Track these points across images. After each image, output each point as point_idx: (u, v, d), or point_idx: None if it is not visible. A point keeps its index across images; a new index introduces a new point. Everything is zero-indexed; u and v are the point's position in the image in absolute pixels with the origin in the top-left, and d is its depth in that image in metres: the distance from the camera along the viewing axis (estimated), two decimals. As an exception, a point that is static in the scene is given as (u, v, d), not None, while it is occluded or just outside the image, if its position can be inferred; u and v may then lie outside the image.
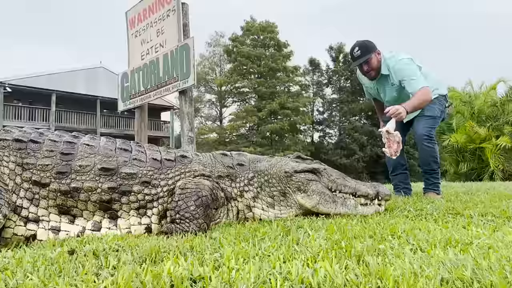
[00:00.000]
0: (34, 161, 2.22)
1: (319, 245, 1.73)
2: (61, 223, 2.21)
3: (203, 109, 44.95)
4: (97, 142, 2.47)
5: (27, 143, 2.27)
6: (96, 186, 2.27)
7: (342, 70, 41.93)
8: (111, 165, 2.34)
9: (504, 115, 14.85)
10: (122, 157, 2.42)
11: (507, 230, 2.21)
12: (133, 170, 2.38)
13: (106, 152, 2.40)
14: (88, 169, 2.29)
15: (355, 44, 3.79)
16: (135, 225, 2.34)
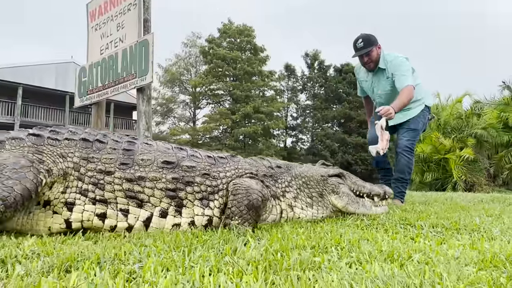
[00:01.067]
0: (99, 156, 2.49)
1: (253, 256, 1.61)
2: (129, 206, 2.42)
3: (177, 109, 44.41)
4: (155, 142, 2.74)
5: (93, 143, 2.55)
6: (161, 176, 2.50)
7: (317, 77, 42.41)
8: (172, 159, 2.58)
9: (468, 127, 15.30)
10: (180, 153, 2.68)
11: (453, 243, 2.17)
12: (193, 164, 2.61)
13: (164, 150, 2.66)
14: (150, 163, 2.53)
15: (359, 36, 3.96)
16: (199, 215, 2.52)
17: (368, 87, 4.20)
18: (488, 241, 2.30)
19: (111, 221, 2.38)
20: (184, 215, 2.49)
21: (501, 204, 4.77)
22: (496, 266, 1.64)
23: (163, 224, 2.43)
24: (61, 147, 2.50)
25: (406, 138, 4.07)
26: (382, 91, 4.09)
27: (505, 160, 14.47)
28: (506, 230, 2.65)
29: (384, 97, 4.10)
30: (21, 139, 2.48)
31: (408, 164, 4.11)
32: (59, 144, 2.51)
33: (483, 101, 17.35)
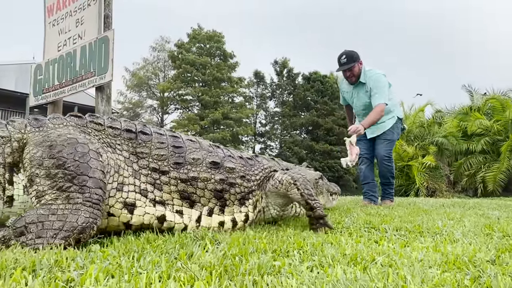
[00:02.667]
0: (148, 151, 2.33)
1: (208, 261, 1.49)
2: (183, 207, 2.36)
3: (144, 114, 43.52)
4: (195, 138, 2.69)
5: (137, 134, 2.35)
6: (210, 177, 2.49)
7: (286, 85, 42.81)
8: (217, 160, 2.57)
9: (430, 135, 15.81)
10: (220, 153, 2.66)
11: (417, 245, 2.14)
12: (233, 165, 2.64)
13: (207, 147, 2.62)
14: (200, 162, 2.48)
15: (343, 52, 4.34)
16: (237, 213, 2.59)
17: (349, 98, 4.61)
18: (450, 243, 2.29)
19: (169, 224, 2.29)
20: (226, 213, 2.54)
21: (461, 208, 4.87)
22: (459, 268, 1.60)
23: (209, 223, 2.44)
24: (106, 135, 2.28)
25: (384, 149, 4.62)
26: (361, 103, 4.50)
27: (464, 167, 15.02)
28: (467, 233, 2.66)
29: (362, 108, 4.53)
30: (63, 118, 2.24)
31: (389, 170, 4.74)
32: (104, 131, 2.29)
33: (444, 110, 18.01)
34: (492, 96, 15.96)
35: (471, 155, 15.11)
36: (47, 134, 2.05)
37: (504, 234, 2.69)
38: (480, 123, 15.03)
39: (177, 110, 42.59)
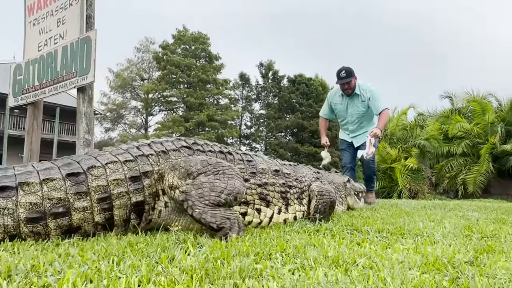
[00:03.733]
0: (234, 166, 2.78)
1: (189, 265, 1.48)
2: (261, 206, 2.94)
3: (128, 116, 43.05)
4: (254, 154, 3.28)
5: (225, 154, 2.96)
6: (276, 181, 3.11)
7: (271, 87, 42.92)
8: (277, 168, 3.21)
9: (412, 138, 16.07)
10: (277, 162, 3.36)
11: (398, 247, 2.16)
12: (288, 171, 3.30)
13: (266, 160, 3.28)
14: (266, 171, 3.10)
15: (342, 68, 4.95)
16: (298, 211, 3.22)
17: (343, 109, 5.12)
18: (431, 245, 2.32)
19: (249, 218, 2.84)
20: (289, 211, 3.14)
21: (442, 210, 4.95)
22: (438, 269, 1.63)
23: (278, 219, 3.03)
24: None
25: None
26: (356, 112, 5.10)
27: (445, 170, 15.30)
28: (447, 234, 2.71)
29: (356, 116, 5.13)
30: (177, 150, 2.69)
31: (373, 170, 5.38)
32: (205, 154, 2.84)
33: (426, 113, 18.34)
34: (473, 99, 16.30)
35: (452, 157, 15.42)
36: (175, 163, 2.53)
37: (482, 235, 2.75)
38: (461, 126, 15.35)
39: (161, 112, 42.27)
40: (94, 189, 2.19)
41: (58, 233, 2.09)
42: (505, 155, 14.42)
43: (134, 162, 2.40)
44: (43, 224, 2.04)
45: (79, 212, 2.13)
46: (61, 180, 2.13)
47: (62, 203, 2.09)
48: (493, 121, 15.18)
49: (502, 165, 14.62)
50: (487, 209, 5.59)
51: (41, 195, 2.05)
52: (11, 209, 1.97)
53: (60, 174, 2.15)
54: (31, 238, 2.02)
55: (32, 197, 2.03)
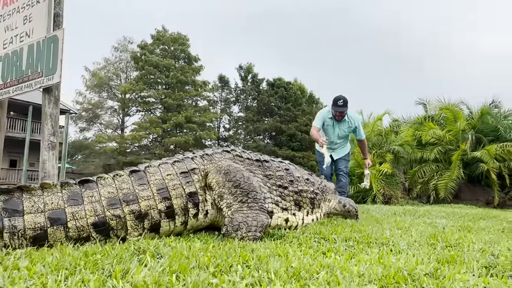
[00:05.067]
0: (272, 173, 3.23)
1: (142, 279, 1.41)
2: (295, 210, 3.29)
3: (104, 116, 42.21)
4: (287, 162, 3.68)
5: (264, 162, 3.25)
6: (308, 189, 3.52)
7: (250, 90, 42.95)
8: (308, 177, 3.67)
9: (387, 144, 16.31)
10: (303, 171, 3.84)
11: (362, 257, 2.16)
12: (314, 180, 3.81)
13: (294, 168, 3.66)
14: (301, 179, 3.50)
15: (340, 96, 5.42)
16: (318, 213, 3.72)
17: (331, 130, 5.65)
18: (395, 254, 2.33)
19: (291, 223, 3.22)
20: (313, 213, 3.59)
21: (411, 217, 5.02)
22: (398, 282, 1.62)
23: (307, 220, 3.45)
24: (247, 164, 3.13)
25: (344, 166, 5.84)
26: (341, 134, 5.72)
27: (418, 175, 15.60)
28: (413, 243, 2.73)
29: (341, 137, 5.74)
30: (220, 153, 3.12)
31: (346, 183, 5.91)
32: (244, 161, 3.13)
33: (401, 119, 18.67)
34: (446, 106, 16.71)
35: (425, 163, 15.73)
36: (219, 165, 2.91)
37: (446, 244, 2.78)
38: (434, 133, 15.69)
39: (138, 112, 41.67)
40: (152, 182, 2.63)
41: (132, 218, 2.46)
42: (475, 161, 14.82)
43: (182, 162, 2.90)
44: (120, 208, 2.43)
45: (144, 200, 2.53)
46: (127, 176, 2.61)
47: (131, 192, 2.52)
48: (464, 129, 15.59)
49: (472, 172, 15.01)
50: (455, 216, 5.71)
51: (115, 187, 2.49)
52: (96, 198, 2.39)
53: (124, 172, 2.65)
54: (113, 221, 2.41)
55: (109, 188, 2.47)
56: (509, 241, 3.10)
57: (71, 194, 2.34)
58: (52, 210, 2.23)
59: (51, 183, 2.33)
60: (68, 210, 2.27)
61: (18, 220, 2.12)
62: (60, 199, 2.29)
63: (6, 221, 2.09)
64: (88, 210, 2.32)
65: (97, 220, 2.33)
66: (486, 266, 2.08)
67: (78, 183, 2.41)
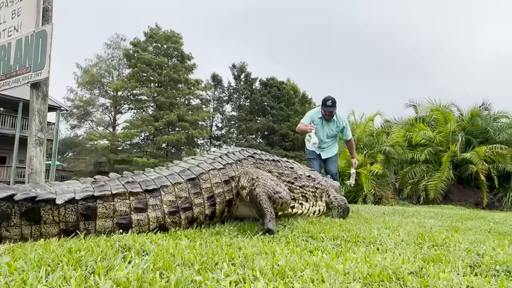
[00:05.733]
0: (282, 171, 3.73)
1: (124, 276, 1.40)
2: (303, 201, 3.88)
3: (95, 113, 41.89)
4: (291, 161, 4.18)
5: (277, 162, 3.79)
6: (309, 184, 4.06)
7: (243, 89, 42.94)
8: (309, 174, 4.21)
9: (378, 144, 16.41)
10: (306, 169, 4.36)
11: (349, 256, 2.16)
12: (315, 176, 4.30)
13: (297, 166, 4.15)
14: (303, 176, 4.01)
15: (329, 97, 5.65)
16: (321, 206, 4.21)
17: (320, 130, 5.83)
18: (381, 253, 2.33)
19: (295, 210, 3.75)
20: (317, 205, 4.14)
21: (400, 217, 5.05)
22: (382, 280, 1.62)
23: (312, 210, 4.03)
24: (266, 165, 3.62)
25: (334, 167, 6.01)
26: (330, 133, 5.92)
27: (409, 176, 15.73)
28: (400, 243, 2.74)
29: (329, 136, 5.94)
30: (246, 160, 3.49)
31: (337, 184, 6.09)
32: (263, 163, 3.62)
33: (392, 120, 18.81)
34: (436, 108, 16.85)
35: (415, 164, 15.85)
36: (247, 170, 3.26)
37: (433, 244, 2.80)
38: (424, 134, 15.82)
39: (130, 110, 41.44)
40: (204, 190, 2.97)
41: (186, 223, 2.82)
42: (464, 163, 14.98)
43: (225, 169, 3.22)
44: (177, 216, 2.76)
45: (197, 206, 2.88)
46: (185, 183, 2.87)
47: (187, 200, 2.84)
48: (454, 130, 15.75)
49: (461, 173, 15.17)
50: (443, 216, 5.76)
51: (175, 195, 2.77)
52: (158, 205, 2.67)
53: (182, 178, 2.89)
54: (172, 227, 2.72)
55: (169, 197, 2.75)
56: (494, 241, 3.13)
57: (138, 202, 2.59)
58: (120, 217, 2.48)
59: (123, 192, 2.54)
60: (133, 217, 2.53)
61: (91, 225, 2.38)
62: (127, 207, 2.53)
63: (81, 224, 2.34)
64: (151, 217, 2.61)
65: (158, 226, 2.63)
66: (471, 265, 2.09)
67: (144, 192, 2.63)
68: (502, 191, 14.94)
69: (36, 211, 2.20)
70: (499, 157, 14.59)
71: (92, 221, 2.38)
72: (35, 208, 2.20)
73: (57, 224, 2.28)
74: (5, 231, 2.16)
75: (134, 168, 35.70)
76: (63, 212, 2.28)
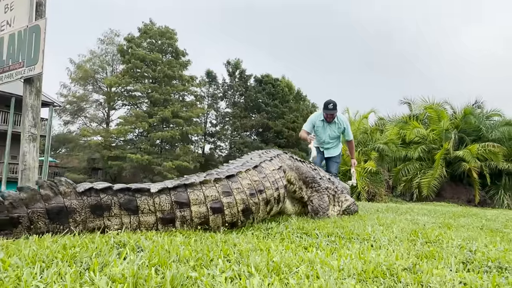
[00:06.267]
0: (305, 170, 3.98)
1: (120, 272, 1.40)
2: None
3: (89, 109, 41.58)
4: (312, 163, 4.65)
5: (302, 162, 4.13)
6: (330, 186, 4.29)
7: (237, 86, 42.85)
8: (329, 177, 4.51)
9: (372, 142, 16.50)
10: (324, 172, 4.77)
11: (343, 252, 2.17)
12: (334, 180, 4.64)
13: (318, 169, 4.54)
14: (325, 178, 4.31)
15: (330, 101, 5.95)
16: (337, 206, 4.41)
17: (322, 132, 6.14)
18: (375, 250, 2.35)
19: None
20: (335, 206, 4.33)
21: (394, 214, 5.09)
22: (376, 277, 1.64)
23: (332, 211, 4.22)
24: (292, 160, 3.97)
25: (335, 168, 6.24)
26: (332, 135, 6.19)
27: (402, 173, 15.84)
28: (394, 239, 2.76)
29: (332, 137, 6.19)
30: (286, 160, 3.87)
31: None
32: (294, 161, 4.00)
33: (386, 118, 18.90)
34: (430, 106, 16.95)
35: (409, 161, 15.96)
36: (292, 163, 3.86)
37: (426, 240, 2.83)
38: (418, 132, 15.92)
39: (124, 106, 41.18)
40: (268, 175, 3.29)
41: (263, 204, 3.12)
42: (457, 160, 15.11)
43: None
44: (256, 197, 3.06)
45: (267, 189, 3.19)
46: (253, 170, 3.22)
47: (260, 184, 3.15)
48: (447, 128, 15.87)
49: (454, 170, 15.31)
50: (436, 213, 5.81)
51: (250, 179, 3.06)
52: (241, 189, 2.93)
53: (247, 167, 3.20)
54: (254, 207, 3.02)
55: (246, 181, 3.02)
56: (487, 238, 3.17)
57: (224, 187, 2.81)
58: (212, 201, 2.71)
59: (208, 179, 2.77)
60: (224, 200, 2.76)
61: (187, 211, 2.58)
62: (216, 192, 2.75)
63: (177, 212, 2.54)
64: (238, 199, 2.85)
65: (244, 207, 2.88)
66: (463, 261, 2.12)
67: (225, 178, 2.87)
68: (494, 188, 15.10)
69: (133, 201, 2.40)
70: (491, 155, 14.73)
71: (187, 207, 2.59)
72: (132, 198, 2.39)
73: (154, 213, 2.47)
74: (107, 220, 2.34)
75: (128, 165, 35.61)
76: (158, 201, 2.48)
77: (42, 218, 2.18)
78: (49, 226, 2.19)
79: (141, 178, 35.86)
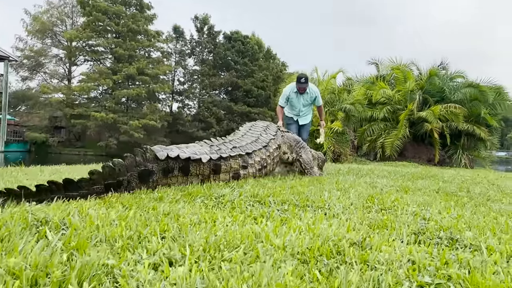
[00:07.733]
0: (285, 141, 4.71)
1: (21, 261, 1.19)
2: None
3: (48, 64, 39.33)
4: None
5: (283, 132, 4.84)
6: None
7: (206, 42, 41.49)
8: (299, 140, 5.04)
9: (339, 102, 16.48)
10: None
11: (294, 223, 2.06)
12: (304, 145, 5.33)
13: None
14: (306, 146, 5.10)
15: (302, 75, 6.80)
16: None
17: (297, 102, 6.87)
18: (328, 219, 2.26)
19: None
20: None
21: (354, 176, 5.07)
22: (321, 255, 1.52)
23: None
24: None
25: (305, 134, 7.05)
26: (305, 103, 6.93)
27: (367, 133, 16.06)
28: (348, 207, 2.68)
29: (305, 106, 6.92)
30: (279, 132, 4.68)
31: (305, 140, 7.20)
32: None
33: (354, 78, 18.86)
34: (397, 66, 17.00)
35: (374, 122, 16.16)
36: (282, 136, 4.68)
37: (382, 207, 2.77)
38: (384, 92, 16.02)
39: (86, 62, 39.27)
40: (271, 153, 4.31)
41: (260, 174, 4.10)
42: (420, 121, 15.41)
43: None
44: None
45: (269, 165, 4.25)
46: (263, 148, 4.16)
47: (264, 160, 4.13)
48: (413, 89, 16.02)
49: (417, 131, 15.65)
50: (396, 175, 5.87)
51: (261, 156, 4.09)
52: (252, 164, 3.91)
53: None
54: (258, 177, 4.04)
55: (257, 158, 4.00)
56: (441, 203, 3.17)
57: (243, 162, 3.80)
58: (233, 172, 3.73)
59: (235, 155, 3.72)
60: (241, 172, 3.81)
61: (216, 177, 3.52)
62: (237, 165, 3.74)
63: (211, 176, 3.46)
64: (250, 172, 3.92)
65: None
66: (415, 232, 2.05)
67: (246, 154, 3.85)
68: (453, 148, 15.62)
69: (188, 167, 3.19)
70: (452, 115, 15.10)
71: (218, 174, 3.48)
72: (187, 165, 3.18)
73: (198, 176, 3.31)
74: (170, 180, 3.09)
75: (93, 124, 34.40)
76: (203, 167, 3.32)
77: (135, 179, 2.80)
78: (139, 185, 2.83)
79: (107, 138, 34.92)
